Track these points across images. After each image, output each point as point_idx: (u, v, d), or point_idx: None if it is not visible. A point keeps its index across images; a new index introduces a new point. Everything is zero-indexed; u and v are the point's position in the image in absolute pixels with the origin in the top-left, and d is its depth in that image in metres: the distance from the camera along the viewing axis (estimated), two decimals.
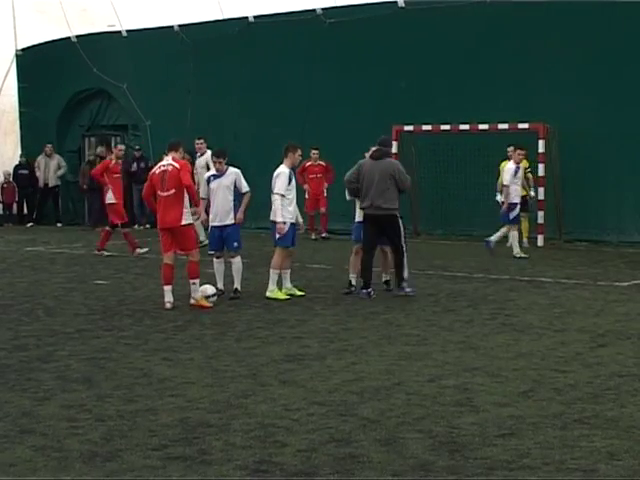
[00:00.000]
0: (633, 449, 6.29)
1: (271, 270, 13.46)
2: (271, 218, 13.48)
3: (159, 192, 12.65)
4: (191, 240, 12.69)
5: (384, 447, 6.41)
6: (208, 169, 18.18)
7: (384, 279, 14.17)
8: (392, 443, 6.49)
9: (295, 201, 13.56)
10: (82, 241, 22.16)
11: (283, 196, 13.27)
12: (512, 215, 17.99)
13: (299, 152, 13.74)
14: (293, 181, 13.49)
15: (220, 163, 13.26)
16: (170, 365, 9.03)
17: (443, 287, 14.25)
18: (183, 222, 12.51)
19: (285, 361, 9.17)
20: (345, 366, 8.94)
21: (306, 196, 22.11)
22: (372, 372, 8.67)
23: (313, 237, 21.93)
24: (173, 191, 12.47)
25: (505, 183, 18.07)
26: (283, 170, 13.43)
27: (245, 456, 6.23)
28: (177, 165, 12.54)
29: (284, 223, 13.26)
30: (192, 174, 12.86)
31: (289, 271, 13.69)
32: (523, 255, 17.80)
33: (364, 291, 13.35)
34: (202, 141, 19.38)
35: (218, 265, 13.44)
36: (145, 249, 19.10)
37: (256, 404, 7.54)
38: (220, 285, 13.34)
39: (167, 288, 12.56)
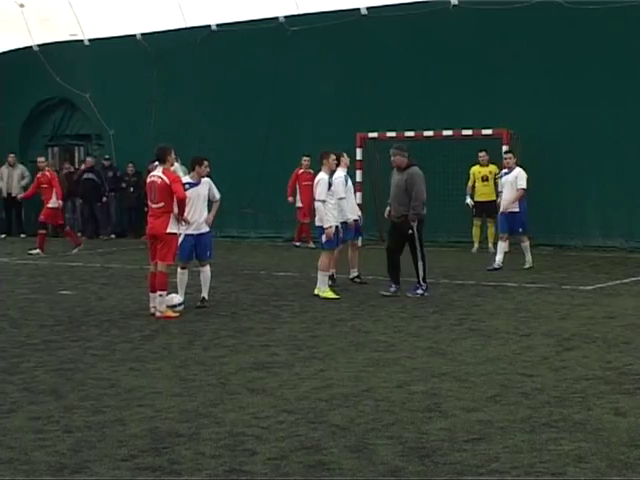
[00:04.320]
0: (600, 451, 6.34)
1: (319, 272, 14.01)
2: (317, 223, 14.30)
3: (149, 202, 12.75)
4: (170, 251, 12.62)
5: (354, 454, 6.41)
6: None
7: (352, 275, 15.44)
8: (362, 450, 6.50)
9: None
10: (46, 251, 21.95)
11: (324, 201, 14.03)
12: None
13: (332, 157, 14.30)
14: (335, 186, 14.25)
15: (207, 166, 13.28)
16: (138, 375, 8.98)
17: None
18: (168, 230, 12.53)
19: (253, 369, 9.16)
20: (314, 373, 8.94)
21: (299, 205, 21.93)
22: (341, 379, 8.67)
23: (312, 245, 21.23)
24: (162, 204, 12.53)
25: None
26: (322, 177, 14.22)
27: (215, 465, 6.21)
28: (167, 179, 12.51)
29: (329, 227, 13.98)
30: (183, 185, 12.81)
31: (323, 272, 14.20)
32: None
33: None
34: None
35: (182, 276, 13.22)
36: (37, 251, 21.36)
37: (225, 413, 7.52)
38: (181, 296, 13.09)
39: (153, 295, 12.58)
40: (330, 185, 14.12)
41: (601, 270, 16.90)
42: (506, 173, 17.43)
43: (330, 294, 13.91)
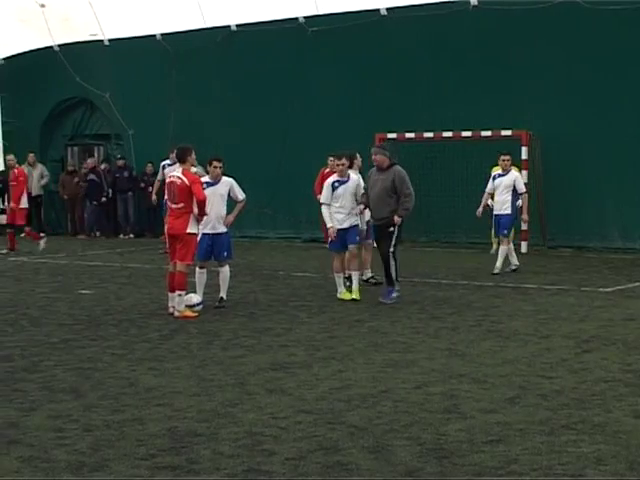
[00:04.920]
0: (620, 454, 6.32)
1: (334, 274, 14.10)
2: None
3: (169, 202, 12.76)
4: (190, 251, 12.65)
5: (372, 454, 6.42)
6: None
7: (366, 276, 15.19)
8: (380, 450, 6.50)
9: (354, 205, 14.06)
10: (65, 251, 22.08)
11: (328, 205, 13.89)
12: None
13: (337, 161, 14.08)
14: (341, 189, 13.87)
15: (220, 168, 13.25)
16: (157, 374, 9.02)
17: (428, 294, 14.29)
18: (188, 230, 12.57)
19: (272, 369, 9.17)
20: (332, 374, 8.95)
21: None
22: (359, 380, 8.68)
23: None
24: (182, 204, 12.57)
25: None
26: (328, 180, 14.18)
27: (233, 465, 6.23)
28: (186, 180, 12.53)
29: (331, 227, 13.84)
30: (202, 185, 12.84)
31: (355, 272, 13.97)
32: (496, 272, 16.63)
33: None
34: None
35: (200, 275, 13.25)
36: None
37: (243, 413, 7.54)
38: (200, 296, 13.09)
39: (171, 295, 12.63)
40: (334, 189, 13.82)
41: (621, 272, 16.83)
42: (500, 175, 16.92)
43: (347, 295, 13.88)
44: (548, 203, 20.48)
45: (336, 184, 13.91)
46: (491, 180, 17.14)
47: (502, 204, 16.86)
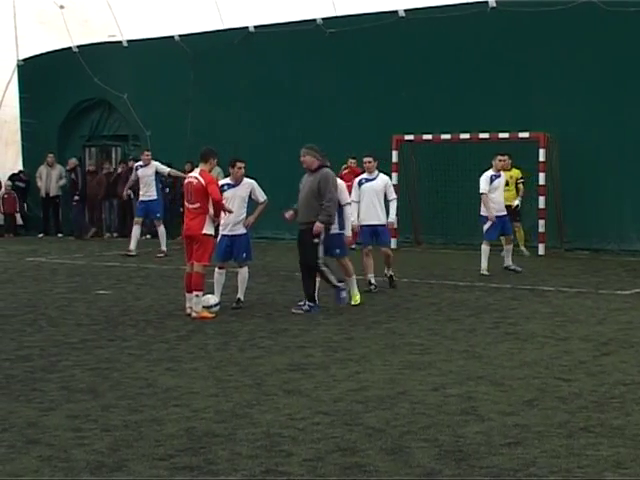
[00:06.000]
0: (639, 457, 6.29)
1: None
2: None
3: (186, 202, 12.85)
4: (206, 251, 12.68)
5: (390, 456, 6.41)
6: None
7: (388, 274, 15.13)
8: (398, 452, 6.50)
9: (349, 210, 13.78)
10: (83, 251, 22.15)
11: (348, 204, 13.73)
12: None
13: (349, 162, 13.75)
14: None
15: (244, 169, 13.22)
16: (174, 375, 9.04)
17: (445, 296, 14.27)
18: (204, 231, 12.59)
19: (289, 370, 9.18)
20: (349, 375, 8.95)
21: None
22: (376, 381, 8.68)
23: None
24: (198, 204, 12.62)
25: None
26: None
27: (251, 466, 6.24)
28: (202, 180, 12.58)
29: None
30: (220, 187, 12.89)
31: (350, 278, 13.66)
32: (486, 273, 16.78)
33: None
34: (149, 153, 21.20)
35: (219, 276, 13.29)
36: None
37: (261, 414, 7.55)
38: (217, 297, 13.12)
39: (189, 296, 12.65)
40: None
41: (638, 274, 16.76)
42: (497, 176, 16.91)
43: (354, 299, 13.61)
44: (565, 205, 20.42)
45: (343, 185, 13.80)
46: (488, 181, 16.88)
47: (503, 205, 17.08)
